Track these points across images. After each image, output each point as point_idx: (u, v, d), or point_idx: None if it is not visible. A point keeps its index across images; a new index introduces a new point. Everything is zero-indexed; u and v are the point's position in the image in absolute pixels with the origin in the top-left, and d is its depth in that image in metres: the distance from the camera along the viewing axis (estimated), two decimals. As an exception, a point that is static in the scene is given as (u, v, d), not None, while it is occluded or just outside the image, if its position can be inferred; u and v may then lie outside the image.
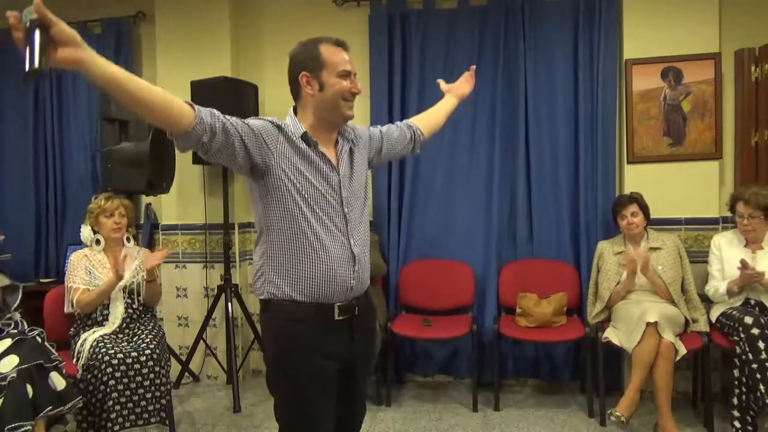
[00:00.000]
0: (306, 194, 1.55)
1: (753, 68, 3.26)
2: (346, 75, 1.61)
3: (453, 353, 3.67)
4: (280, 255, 1.56)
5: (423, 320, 3.40)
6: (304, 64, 1.60)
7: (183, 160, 3.56)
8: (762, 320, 2.66)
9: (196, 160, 3.51)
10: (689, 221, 3.32)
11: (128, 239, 2.97)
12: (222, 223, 3.60)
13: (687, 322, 2.98)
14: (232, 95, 3.46)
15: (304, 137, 1.58)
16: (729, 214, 3.12)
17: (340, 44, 1.64)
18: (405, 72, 3.65)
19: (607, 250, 3.20)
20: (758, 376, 2.56)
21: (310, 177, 1.56)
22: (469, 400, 3.29)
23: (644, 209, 3.14)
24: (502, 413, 3.20)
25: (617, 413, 2.70)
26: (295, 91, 1.64)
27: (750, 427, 2.62)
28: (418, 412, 3.25)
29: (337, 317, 1.59)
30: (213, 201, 3.72)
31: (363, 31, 3.70)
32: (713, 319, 2.96)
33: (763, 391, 2.53)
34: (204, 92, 3.42)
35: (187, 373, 3.68)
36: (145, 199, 3.88)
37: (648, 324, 2.75)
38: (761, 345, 2.59)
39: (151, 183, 3.32)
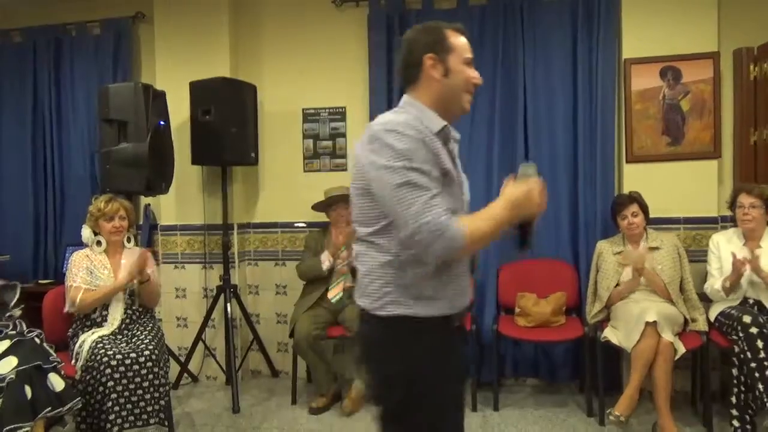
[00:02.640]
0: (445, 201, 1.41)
1: (751, 67, 3.26)
2: (469, 63, 1.54)
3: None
4: (410, 271, 1.43)
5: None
6: (430, 45, 1.50)
7: (182, 160, 3.56)
8: (760, 319, 2.66)
9: (195, 160, 3.51)
10: (688, 220, 3.33)
11: (129, 240, 2.98)
12: (221, 224, 3.60)
13: (686, 321, 2.98)
14: (231, 96, 3.47)
15: (443, 133, 1.47)
16: (728, 213, 3.12)
17: (462, 32, 1.57)
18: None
19: (606, 250, 3.20)
20: (757, 375, 2.56)
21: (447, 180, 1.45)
22: (468, 400, 3.29)
23: (644, 209, 3.14)
24: (502, 413, 3.20)
25: (616, 413, 2.70)
26: (413, 75, 1.52)
27: (749, 426, 2.63)
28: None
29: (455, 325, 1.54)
30: (212, 201, 3.72)
31: (362, 31, 3.71)
32: (712, 319, 2.96)
33: (761, 389, 2.54)
34: (203, 93, 3.43)
35: (186, 374, 3.69)
36: (144, 200, 3.88)
37: (647, 323, 2.75)
38: (759, 344, 2.59)
39: (149, 184, 3.32)
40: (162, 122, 3.43)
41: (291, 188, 3.86)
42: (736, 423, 2.65)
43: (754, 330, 2.62)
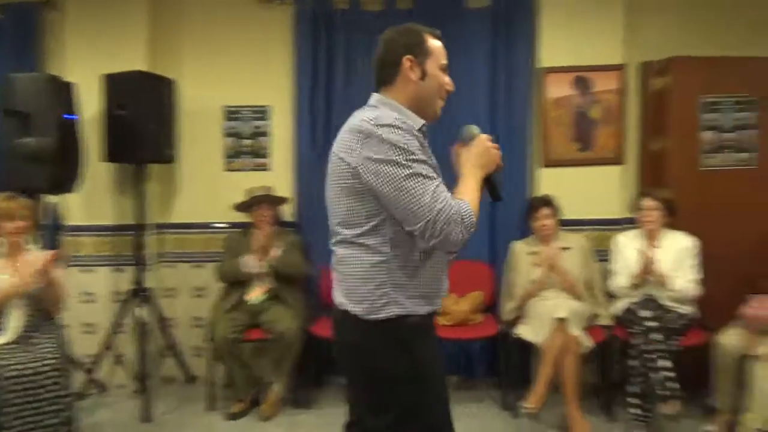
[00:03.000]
0: None
1: (654, 80, 3.50)
2: (444, 69, 1.57)
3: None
4: (401, 270, 1.44)
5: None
6: (409, 47, 1.52)
7: (92, 157, 3.38)
8: (657, 314, 2.86)
9: (108, 157, 3.34)
10: (594, 222, 3.52)
11: (30, 241, 2.79)
12: (134, 224, 3.44)
13: (593, 316, 3.15)
14: (148, 90, 3.32)
15: (421, 131, 1.47)
16: (631, 215, 3.33)
17: (439, 37, 1.60)
18: (330, 74, 3.64)
19: (521, 250, 3.33)
20: (652, 365, 2.75)
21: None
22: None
23: (556, 211, 3.30)
24: (421, 411, 3.24)
25: (528, 405, 2.82)
26: (389, 75, 1.52)
27: (646, 412, 2.81)
28: (338, 414, 3.21)
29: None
30: (124, 200, 3.54)
31: (287, 30, 3.67)
32: (615, 314, 3.15)
33: (657, 378, 2.72)
34: (118, 86, 3.27)
35: (92, 383, 3.48)
36: (49, 198, 3.64)
37: (557, 320, 2.88)
38: (655, 336, 2.78)
39: (55, 181, 3.12)
40: (70, 116, 3.24)
41: (210, 188, 3.75)
42: (634, 411, 2.83)
43: (651, 324, 2.81)
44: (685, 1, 3.53)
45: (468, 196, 1.41)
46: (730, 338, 2.88)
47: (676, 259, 3.05)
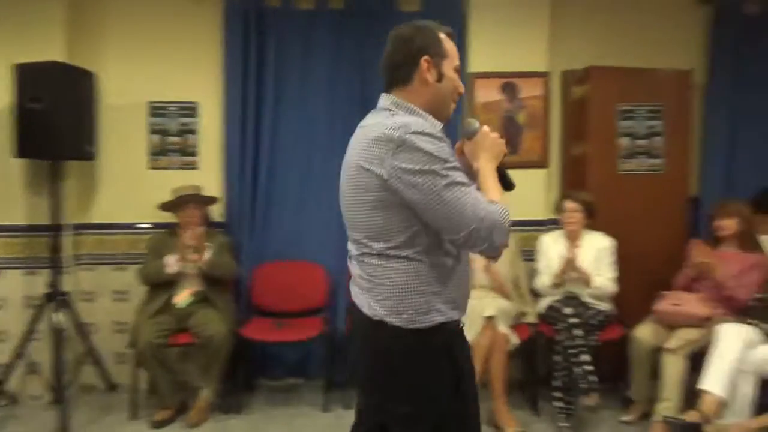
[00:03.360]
0: None
1: (575, 88, 3.68)
2: (458, 71, 1.51)
3: (305, 355, 3.66)
4: (436, 276, 1.40)
5: (274, 323, 3.35)
6: (427, 47, 1.45)
7: (1, 152, 3.15)
8: (578, 311, 3.01)
9: (19, 152, 3.11)
10: (521, 223, 3.63)
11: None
12: (49, 225, 3.23)
13: (519, 314, 3.27)
14: (66, 82, 3.11)
15: (440, 137, 1.37)
16: (554, 216, 3.48)
17: (453, 37, 1.54)
18: (261, 72, 3.57)
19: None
20: (575, 359, 2.88)
21: None
22: (321, 401, 3.29)
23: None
24: (353, 411, 3.23)
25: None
26: (405, 76, 1.45)
27: (569, 405, 2.94)
28: (269, 417, 3.19)
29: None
30: (38, 199, 3.32)
31: (215, 25, 3.56)
32: (540, 312, 3.28)
33: (579, 372, 2.86)
34: (31, 77, 3.04)
35: (3, 395, 3.24)
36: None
37: (485, 318, 2.97)
38: (577, 332, 2.92)
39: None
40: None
41: (134, 186, 3.58)
42: (558, 404, 2.95)
43: (573, 320, 2.95)
44: (604, 14, 3.73)
45: (495, 195, 1.40)
46: (644, 333, 3.08)
47: (596, 258, 3.22)
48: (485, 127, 1.52)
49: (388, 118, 1.39)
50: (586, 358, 2.90)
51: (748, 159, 3.82)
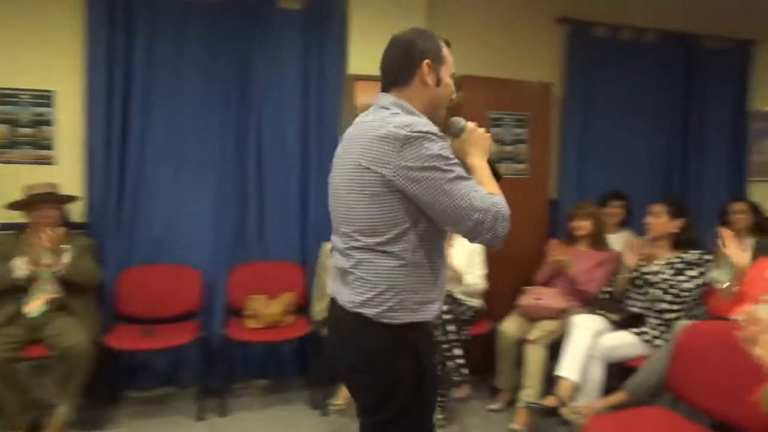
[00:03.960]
0: None
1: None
2: (453, 78, 1.58)
3: (179, 362, 3.47)
4: (418, 276, 1.47)
5: (142, 331, 3.14)
6: (429, 52, 1.52)
7: None
8: (451, 307, 3.15)
9: None
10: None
11: None
12: None
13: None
14: None
15: (442, 137, 1.44)
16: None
17: (449, 45, 1.59)
18: (129, 62, 3.32)
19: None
20: (448, 354, 3.02)
21: None
22: (194, 409, 3.15)
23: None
24: (229, 418, 3.14)
25: (336, 402, 2.90)
26: (405, 77, 1.51)
27: (442, 398, 3.07)
28: (134, 431, 2.99)
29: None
30: None
31: (77, 9, 3.27)
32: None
33: (452, 366, 3.00)
34: None
35: None
36: None
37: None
38: (450, 328, 3.06)
39: None
40: None
41: (-24, 182, 3.19)
42: (433, 398, 3.07)
43: (446, 316, 3.08)
44: (477, 27, 3.95)
45: (493, 188, 1.49)
46: (509, 326, 3.30)
47: (468, 257, 3.39)
48: (471, 124, 1.59)
49: (391, 117, 1.44)
50: (458, 352, 3.05)
51: (597, 165, 4.25)
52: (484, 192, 1.44)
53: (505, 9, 4.07)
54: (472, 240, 1.45)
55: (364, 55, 3.65)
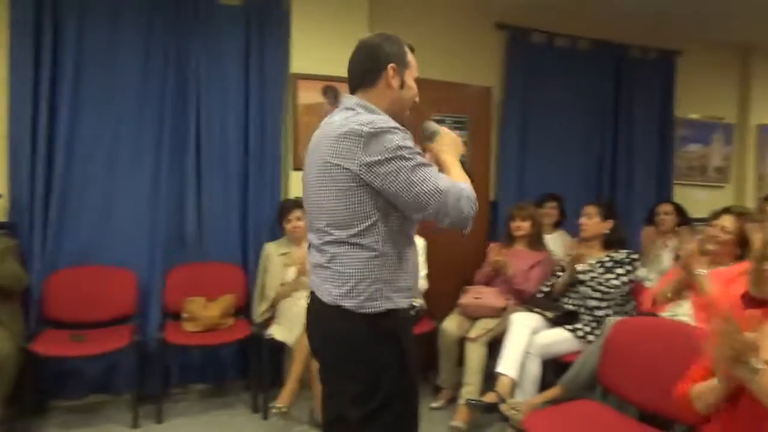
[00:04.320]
0: None
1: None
2: (415, 82, 1.65)
3: (112, 368, 3.33)
4: (384, 266, 1.53)
5: (71, 336, 2.99)
6: (393, 56, 1.59)
7: None
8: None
9: None
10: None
11: None
12: None
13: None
14: None
15: (403, 130, 1.52)
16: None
17: (413, 50, 1.67)
18: (56, 59, 3.15)
19: (273, 252, 3.37)
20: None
21: None
22: (129, 417, 3.03)
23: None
24: (166, 424, 3.04)
25: (278, 405, 2.86)
26: (371, 80, 1.59)
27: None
28: (66, 441, 2.86)
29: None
30: None
31: (1, 5, 3.07)
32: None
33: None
34: None
35: None
36: None
37: (307, 318, 2.99)
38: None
39: None
40: None
41: None
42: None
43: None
44: (420, 29, 3.99)
45: (461, 179, 1.57)
46: (450, 324, 3.36)
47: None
48: (444, 129, 1.70)
49: (354, 116, 1.51)
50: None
51: (534, 167, 4.39)
52: (447, 177, 1.54)
53: (446, 13, 4.15)
54: (440, 222, 1.51)
55: (306, 54, 3.63)
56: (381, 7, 3.88)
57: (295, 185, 3.62)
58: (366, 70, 1.60)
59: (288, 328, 3.08)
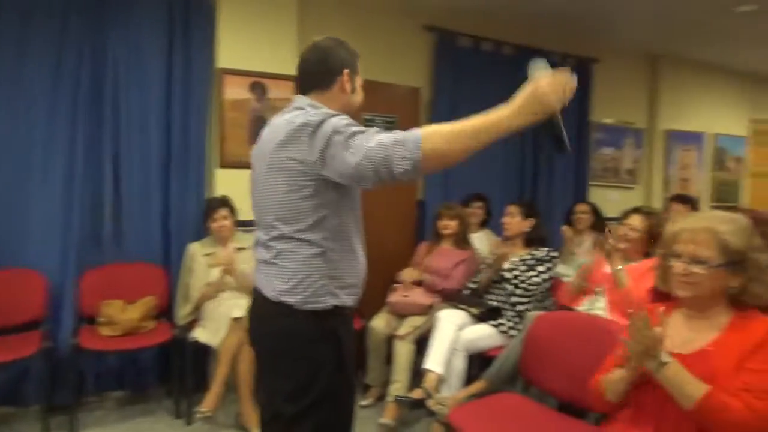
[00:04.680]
0: (355, 196, 1.62)
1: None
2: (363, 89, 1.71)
3: (19, 378, 3.10)
4: (328, 263, 1.53)
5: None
6: (347, 62, 1.65)
7: None
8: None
9: None
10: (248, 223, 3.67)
11: None
12: None
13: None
14: None
15: (344, 117, 1.52)
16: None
17: (359, 57, 1.72)
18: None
19: (197, 252, 3.26)
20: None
21: None
22: (38, 429, 2.84)
23: (233, 211, 3.33)
24: (80, 435, 2.89)
25: (203, 410, 2.78)
26: (325, 82, 1.63)
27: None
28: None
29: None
30: None
31: None
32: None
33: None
34: None
35: None
36: None
37: (233, 319, 2.92)
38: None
39: None
40: None
41: None
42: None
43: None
44: (347, 29, 3.99)
45: (443, 126, 1.38)
46: (378, 323, 3.39)
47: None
48: (544, 76, 1.44)
49: (305, 113, 1.52)
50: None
51: (460, 168, 4.47)
52: (386, 135, 1.40)
53: (375, 13, 4.17)
54: (390, 180, 1.38)
55: (233, 49, 3.55)
56: (310, 5, 3.84)
57: (221, 183, 3.52)
58: (322, 72, 1.64)
59: (213, 330, 2.99)
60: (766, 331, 1.50)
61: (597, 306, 2.86)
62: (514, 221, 3.37)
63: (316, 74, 1.64)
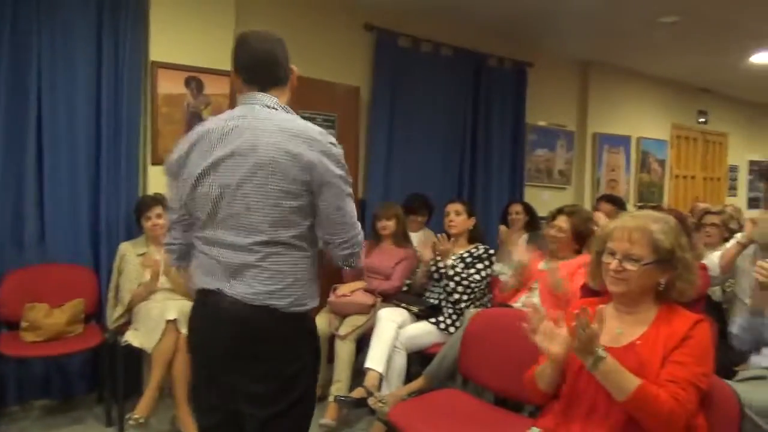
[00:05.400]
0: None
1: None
2: None
3: None
4: (311, 267, 1.59)
5: None
6: (288, 58, 1.62)
7: None
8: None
9: None
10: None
11: None
12: None
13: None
14: None
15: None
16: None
17: None
18: None
19: (129, 252, 3.15)
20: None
21: None
22: (-47, 442, 2.67)
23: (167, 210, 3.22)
24: (1, 448, 2.73)
25: (136, 416, 2.68)
26: (282, 78, 1.60)
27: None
28: None
29: None
30: None
31: None
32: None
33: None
34: None
35: None
36: None
37: (168, 321, 2.83)
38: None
39: None
40: None
41: None
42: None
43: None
44: (286, 27, 3.92)
45: None
46: (320, 322, 3.36)
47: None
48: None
49: (295, 119, 1.54)
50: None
51: (400, 167, 4.54)
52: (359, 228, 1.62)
53: (315, 9, 4.13)
54: (340, 253, 1.59)
55: (168, 42, 3.44)
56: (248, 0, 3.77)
57: (154, 180, 3.40)
58: (277, 66, 1.58)
59: (146, 333, 2.88)
60: (689, 326, 1.60)
61: (532, 301, 2.96)
62: (460, 219, 3.43)
63: (273, 69, 1.57)
